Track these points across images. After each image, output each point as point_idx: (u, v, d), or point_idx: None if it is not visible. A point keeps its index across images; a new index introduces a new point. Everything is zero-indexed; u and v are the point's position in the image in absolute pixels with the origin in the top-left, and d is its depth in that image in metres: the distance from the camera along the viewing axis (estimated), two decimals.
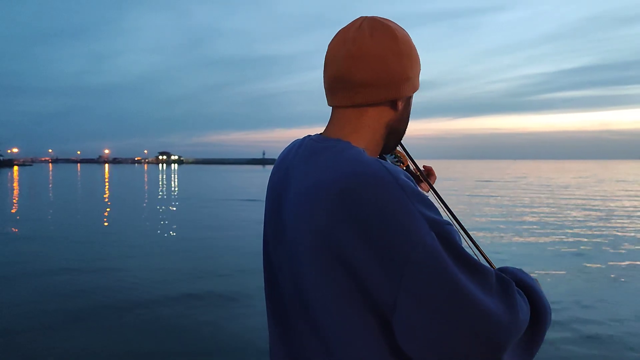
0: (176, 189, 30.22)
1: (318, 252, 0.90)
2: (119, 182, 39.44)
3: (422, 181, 1.37)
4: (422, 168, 1.41)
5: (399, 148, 1.30)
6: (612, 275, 7.43)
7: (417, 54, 1.06)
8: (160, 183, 37.55)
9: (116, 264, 8.32)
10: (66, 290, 6.53)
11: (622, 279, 7.20)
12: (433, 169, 1.46)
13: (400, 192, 0.87)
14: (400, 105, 1.04)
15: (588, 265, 8.15)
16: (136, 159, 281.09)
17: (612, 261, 8.47)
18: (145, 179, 44.46)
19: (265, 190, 1.13)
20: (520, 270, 1.05)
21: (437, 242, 0.85)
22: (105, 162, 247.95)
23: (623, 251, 9.42)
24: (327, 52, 1.06)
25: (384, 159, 1.27)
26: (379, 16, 1.04)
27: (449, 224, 0.90)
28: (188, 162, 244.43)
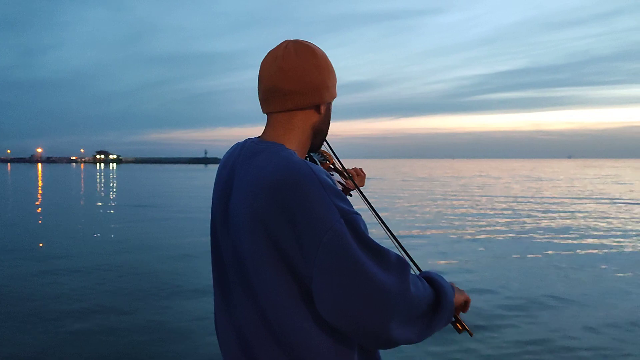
0: (115, 194, 29.13)
1: (254, 230, 1.12)
2: (52, 184, 37.71)
3: (347, 178, 1.61)
4: (351, 169, 1.65)
5: (326, 149, 1.51)
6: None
7: (333, 68, 1.30)
8: (98, 186, 36.30)
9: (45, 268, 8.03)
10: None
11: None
12: (363, 169, 1.72)
13: (320, 187, 1.09)
14: (322, 109, 1.28)
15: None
16: (72, 158, 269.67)
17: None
18: (82, 183, 42.46)
19: (211, 188, 1.36)
20: (438, 274, 1.29)
21: (345, 227, 1.07)
22: (38, 161, 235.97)
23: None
24: (260, 69, 1.27)
25: (312, 157, 1.49)
26: (300, 39, 1.27)
27: (356, 213, 1.12)
28: (127, 162, 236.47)
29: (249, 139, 1.31)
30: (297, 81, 1.22)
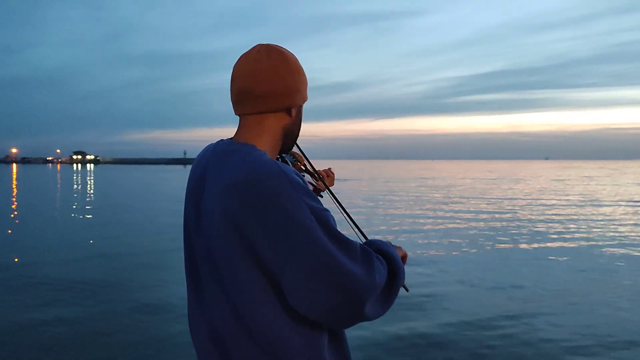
0: (92, 196, 28.70)
1: (226, 229, 1.14)
2: (26, 185, 36.97)
3: (317, 179, 1.64)
4: (321, 170, 1.71)
5: (297, 151, 1.55)
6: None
7: (304, 72, 1.33)
8: (75, 187, 35.69)
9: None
10: None
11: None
12: (332, 169, 1.78)
13: (290, 186, 1.12)
14: (293, 112, 1.30)
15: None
16: (48, 158, 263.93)
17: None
18: (58, 184, 41.67)
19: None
20: (383, 242, 1.34)
21: (315, 223, 1.12)
22: (12, 161, 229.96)
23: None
24: (233, 72, 1.30)
25: (283, 158, 1.54)
26: (272, 43, 1.30)
27: (326, 210, 1.17)
28: (105, 162, 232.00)
29: (221, 140, 1.33)
30: (268, 84, 1.25)
